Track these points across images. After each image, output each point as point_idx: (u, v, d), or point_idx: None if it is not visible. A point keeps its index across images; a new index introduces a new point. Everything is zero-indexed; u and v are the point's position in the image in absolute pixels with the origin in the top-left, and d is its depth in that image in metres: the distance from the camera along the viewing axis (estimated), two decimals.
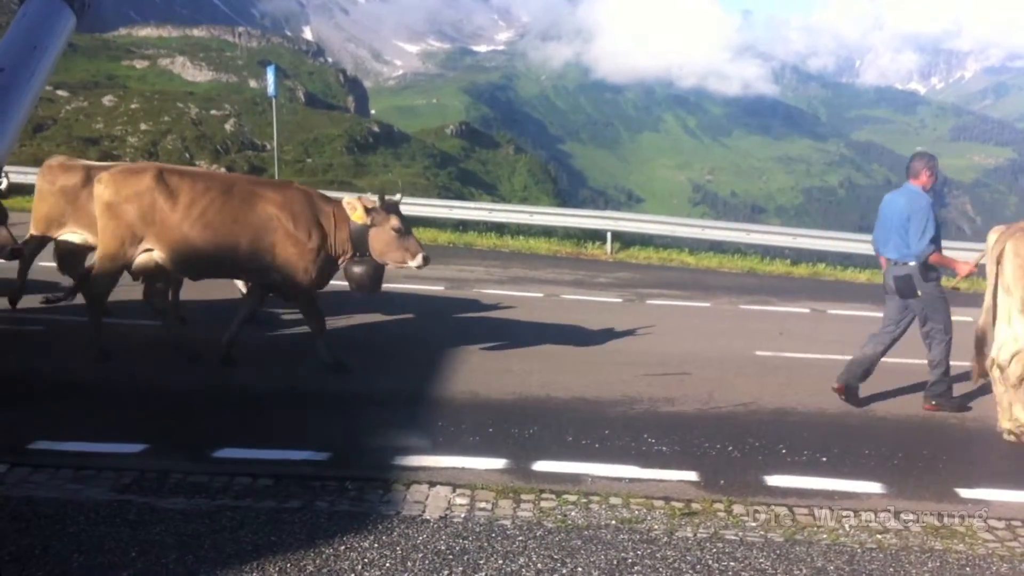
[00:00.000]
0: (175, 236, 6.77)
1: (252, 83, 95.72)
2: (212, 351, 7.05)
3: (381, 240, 6.98)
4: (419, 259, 7.01)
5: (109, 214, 6.82)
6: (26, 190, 14.25)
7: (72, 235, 8.05)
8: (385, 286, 7.61)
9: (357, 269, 7.12)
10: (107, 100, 70.79)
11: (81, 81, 77.71)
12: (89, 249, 8.07)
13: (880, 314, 11.63)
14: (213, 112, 71.61)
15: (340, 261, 7.15)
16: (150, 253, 6.87)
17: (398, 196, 7.27)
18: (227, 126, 69.88)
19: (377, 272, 7.19)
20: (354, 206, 6.94)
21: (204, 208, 6.76)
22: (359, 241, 7.01)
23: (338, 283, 7.49)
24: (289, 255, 6.86)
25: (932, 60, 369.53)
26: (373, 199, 7.06)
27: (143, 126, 66.02)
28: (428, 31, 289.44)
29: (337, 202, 7.19)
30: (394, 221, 6.96)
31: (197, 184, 6.88)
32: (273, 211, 6.87)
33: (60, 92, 68.50)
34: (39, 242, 8.26)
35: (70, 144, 55.26)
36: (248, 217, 6.83)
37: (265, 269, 6.94)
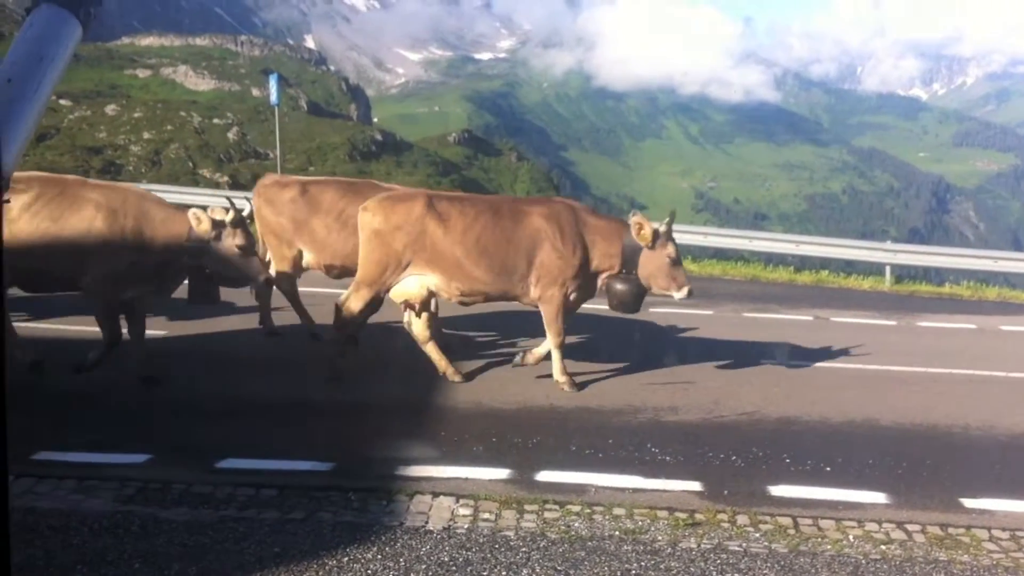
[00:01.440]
0: (451, 263, 6.79)
1: (255, 92, 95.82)
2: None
3: (653, 264, 6.94)
4: (684, 292, 7.02)
5: (377, 242, 6.84)
6: None
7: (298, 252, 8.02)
8: None
9: (620, 287, 7.05)
10: (110, 109, 71.07)
11: (84, 90, 77.86)
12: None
13: (881, 321, 11.69)
14: (216, 121, 71.88)
15: (603, 275, 7.10)
16: (422, 280, 6.87)
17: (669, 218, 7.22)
18: (230, 135, 70.14)
19: (640, 292, 7.10)
20: (640, 226, 6.89)
21: (479, 234, 6.78)
22: (629, 259, 6.96)
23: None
24: (552, 267, 6.84)
25: (934, 66, 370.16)
26: (654, 224, 6.93)
27: (146, 135, 66.30)
28: (430, 39, 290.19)
29: (612, 218, 7.25)
30: (671, 249, 6.95)
31: (467, 210, 6.88)
32: (541, 224, 6.88)
33: (63, 101, 68.73)
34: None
35: (73, 153, 55.48)
36: (520, 237, 6.85)
37: (528, 285, 6.93)
